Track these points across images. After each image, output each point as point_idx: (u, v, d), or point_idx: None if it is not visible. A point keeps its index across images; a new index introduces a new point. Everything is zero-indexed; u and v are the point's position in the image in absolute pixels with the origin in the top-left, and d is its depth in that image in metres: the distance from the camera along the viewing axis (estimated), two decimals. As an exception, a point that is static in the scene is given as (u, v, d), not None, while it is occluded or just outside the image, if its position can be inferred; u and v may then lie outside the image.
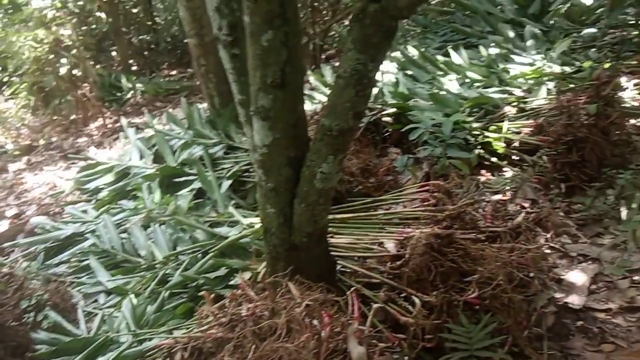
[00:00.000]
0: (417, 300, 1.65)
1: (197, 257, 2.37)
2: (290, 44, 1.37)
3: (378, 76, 4.09)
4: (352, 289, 1.56)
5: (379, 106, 3.37)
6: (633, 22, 3.35)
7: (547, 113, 2.73)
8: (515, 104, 3.07)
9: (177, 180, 3.07)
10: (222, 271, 2.22)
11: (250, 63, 1.44)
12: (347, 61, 1.28)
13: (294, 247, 1.67)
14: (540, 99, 2.97)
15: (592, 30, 3.66)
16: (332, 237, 2.19)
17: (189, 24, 3.23)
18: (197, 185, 2.92)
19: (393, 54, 4.42)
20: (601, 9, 3.65)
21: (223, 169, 2.98)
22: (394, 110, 3.31)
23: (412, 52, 4.36)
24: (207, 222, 2.61)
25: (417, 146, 3.02)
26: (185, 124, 3.50)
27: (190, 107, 3.54)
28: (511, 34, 4.09)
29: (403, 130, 3.09)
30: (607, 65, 3.12)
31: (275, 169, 1.57)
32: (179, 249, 2.53)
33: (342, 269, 1.99)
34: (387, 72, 4.19)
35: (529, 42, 3.88)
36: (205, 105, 3.83)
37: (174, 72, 7.95)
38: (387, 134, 3.31)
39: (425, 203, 2.37)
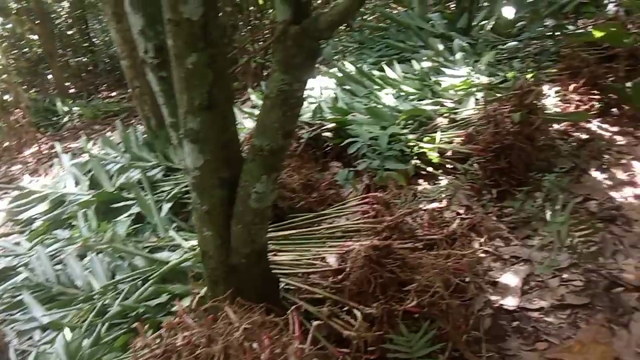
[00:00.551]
0: (358, 313, 1.68)
1: (137, 284, 2.30)
2: (216, 66, 1.37)
3: (317, 92, 4.23)
4: (293, 307, 1.56)
5: (319, 122, 3.41)
6: (550, 33, 3.58)
7: (476, 123, 2.86)
8: (446, 115, 3.19)
9: (114, 206, 2.97)
10: (164, 298, 2.16)
11: (176, 86, 1.43)
12: (272, 82, 1.30)
13: (232, 269, 1.65)
14: (470, 110, 3.11)
15: (514, 42, 3.87)
16: (274, 254, 2.19)
17: (120, 45, 3.16)
18: (135, 209, 2.83)
19: (331, 70, 4.51)
20: (522, 22, 3.87)
21: (163, 191, 2.92)
22: (333, 125, 3.37)
23: (349, 67, 4.47)
24: (146, 248, 2.53)
25: (357, 159, 3.08)
26: (122, 147, 3.40)
27: (126, 130, 3.44)
28: (441, 47, 4.27)
29: (343, 144, 3.15)
30: (529, 75, 3.31)
31: (209, 191, 1.56)
32: (117, 277, 2.44)
33: (286, 287, 1.99)
34: (326, 88, 4.26)
35: (458, 55, 4.06)
36: (142, 127, 3.74)
37: (113, 94, 7.73)
38: (328, 148, 3.35)
39: (366, 215, 2.41)
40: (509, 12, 3.32)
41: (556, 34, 3.66)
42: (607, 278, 1.96)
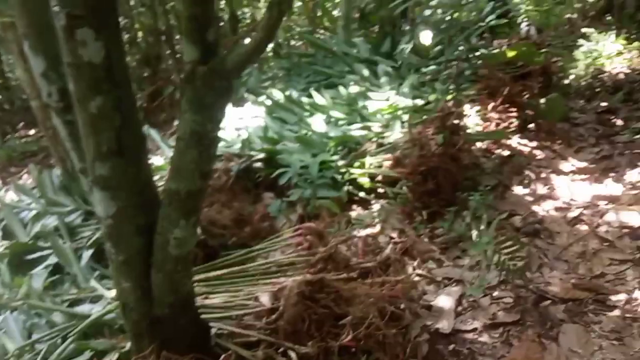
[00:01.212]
0: (293, 355, 1.61)
1: (56, 343, 2.10)
2: (123, 109, 1.29)
3: (247, 122, 4.18)
4: (223, 356, 1.47)
5: (249, 153, 3.35)
6: (465, 57, 3.75)
7: (402, 146, 2.91)
8: (375, 139, 3.23)
9: (30, 257, 2.74)
10: (86, 355, 1.99)
11: (82, 131, 1.33)
12: (184, 123, 1.24)
13: (156, 320, 1.55)
14: (396, 133, 3.16)
15: (434, 66, 4.03)
16: (205, 298, 2.09)
17: (29, 86, 2.97)
18: (53, 260, 2.62)
19: (260, 99, 4.48)
20: (440, 46, 4.04)
21: (82, 238, 2.73)
22: (264, 155, 3.32)
23: (278, 95, 4.46)
24: (66, 301, 2.34)
25: (289, 189, 3.04)
26: (37, 192, 3.17)
27: (41, 173, 3.21)
28: (367, 72, 4.36)
29: (274, 175, 3.10)
30: (449, 97, 3.44)
31: (125, 240, 1.46)
32: (34, 336, 2.22)
33: (219, 332, 1.89)
34: (256, 117, 4.22)
35: (383, 80, 4.17)
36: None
37: (31, 132, 7.27)
38: (260, 179, 3.29)
39: (300, 247, 2.37)
40: (426, 37, 3.46)
41: (470, 56, 3.84)
42: (535, 292, 2.02)
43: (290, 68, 5.41)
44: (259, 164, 3.35)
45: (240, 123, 4.13)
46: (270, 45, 5.65)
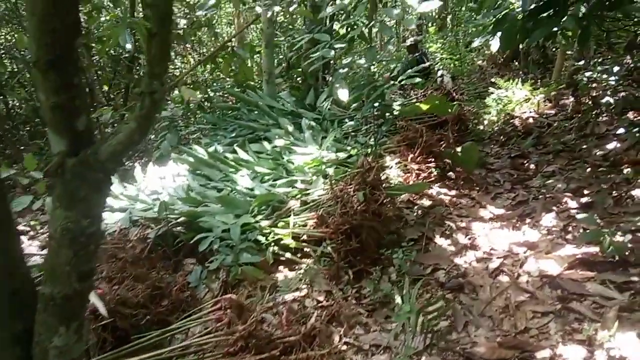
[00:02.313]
0: None
1: None
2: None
3: (169, 181, 4.00)
4: None
5: (168, 217, 3.17)
6: (380, 114, 3.84)
7: (325, 204, 2.86)
8: (299, 196, 3.17)
9: None
10: None
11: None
12: (54, 220, 1.10)
13: None
14: (319, 190, 3.12)
15: (352, 122, 4.08)
16: (110, 395, 1.87)
17: None
18: None
19: (183, 156, 4.32)
20: (357, 103, 4.11)
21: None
22: (184, 219, 3.15)
23: (202, 151, 4.33)
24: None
25: (212, 254, 2.88)
26: None
27: None
28: (291, 127, 4.34)
29: (194, 240, 2.93)
30: (370, 151, 3.47)
31: (0, 350, 1.26)
32: None
33: None
34: (179, 175, 4.06)
35: (307, 134, 4.16)
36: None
37: None
38: (181, 243, 3.11)
39: (220, 323, 2.21)
40: (343, 94, 3.51)
41: (386, 113, 3.93)
42: (461, 355, 1.98)
43: (216, 122, 5.32)
44: (179, 228, 3.18)
45: (162, 183, 3.95)
46: (198, 98, 5.55)
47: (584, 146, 3.90)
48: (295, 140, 4.16)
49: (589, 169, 3.45)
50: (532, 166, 3.84)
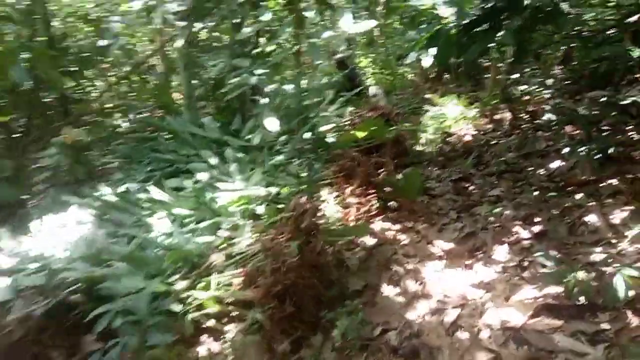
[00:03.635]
0: None
1: None
2: None
3: (70, 232, 3.39)
4: None
5: (63, 281, 2.61)
6: (312, 146, 3.48)
7: (254, 258, 2.43)
8: (223, 246, 2.71)
9: None
10: None
11: None
12: None
13: None
14: (247, 238, 2.67)
15: (281, 157, 3.68)
16: None
17: None
18: None
19: (86, 200, 3.72)
20: (286, 135, 3.73)
21: None
22: (82, 285, 2.60)
23: (110, 193, 3.76)
24: None
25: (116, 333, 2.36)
26: None
27: None
28: (214, 160, 3.86)
29: (92, 314, 2.39)
30: (303, 188, 3.07)
31: None
32: None
33: None
34: (81, 223, 3.46)
35: (232, 166, 3.71)
36: None
37: None
38: (80, 315, 2.55)
39: None
40: (271, 124, 3.13)
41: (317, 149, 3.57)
42: None
43: (129, 155, 4.72)
44: (77, 296, 2.62)
45: (60, 235, 3.34)
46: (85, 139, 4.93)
47: (527, 165, 3.72)
48: (219, 175, 3.69)
49: (536, 193, 3.24)
50: (475, 190, 3.61)
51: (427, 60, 3.82)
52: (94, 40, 4.70)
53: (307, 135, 3.11)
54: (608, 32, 3.57)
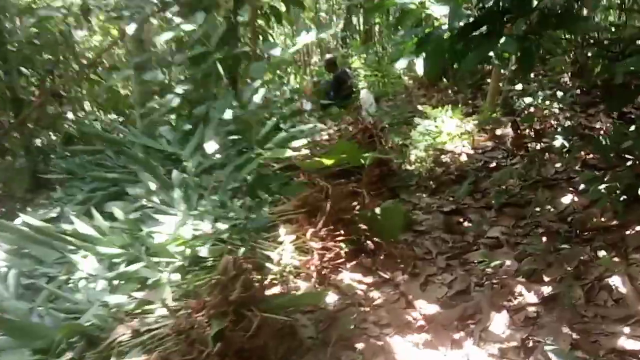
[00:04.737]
0: None
1: None
2: None
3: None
4: None
5: None
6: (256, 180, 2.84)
7: (164, 340, 1.80)
8: (134, 311, 2.09)
9: None
10: None
11: None
12: None
13: None
14: (162, 307, 2.04)
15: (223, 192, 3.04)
16: None
17: None
18: None
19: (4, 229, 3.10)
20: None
21: None
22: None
23: (33, 221, 3.14)
24: None
25: None
26: None
27: None
28: (154, 185, 3.23)
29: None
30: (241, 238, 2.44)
31: None
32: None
33: None
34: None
35: (177, 193, 3.08)
36: None
37: None
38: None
39: None
40: (210, 147, 2.54)
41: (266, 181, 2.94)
42: None
43: (72, 171, 4.09)
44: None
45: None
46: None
47: (532, 197, 3.09)
48: (159, 204, 3.07)
49: (544, 238, 2.62)
50: (470, 227, 2.98)
51: (419, 67, 3.20)
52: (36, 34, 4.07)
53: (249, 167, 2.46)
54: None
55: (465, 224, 3.04)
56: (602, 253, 2.30)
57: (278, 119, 3.69)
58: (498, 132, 4.36)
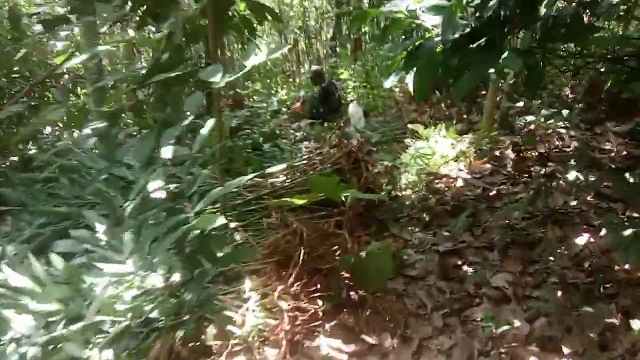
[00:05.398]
0: None
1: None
2: None
3: None
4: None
5: None
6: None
7: None
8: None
9: None
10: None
11: None
12: None
13: None
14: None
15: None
16: None
17: None
18: None
19: None
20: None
21: None
22: None
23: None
24: None
25: None
26: None
27: None
28: (101, 225, 2.78)
29: None
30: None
31: None
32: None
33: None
34: None
35: (127, 236, 2.63)
36: None
37: None
38: None
39: None
40: (154, 185, 2.12)
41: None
42: None
43: (23, 202, 3.63)
44: None
45: None
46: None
47: (541, 236, 2.68)
48: (106, 248, 2.63)
49: (559, 292, 2.20)
50: (470, 272, 2.56)
51: (411, 83, 2.80)
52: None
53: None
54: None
55: (465, 267, 2.62)
56: (635, 323, 1.87)
57: (251, 143, 3.25)
58: (497, 152, 3.96)
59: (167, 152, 1.70)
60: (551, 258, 2.49)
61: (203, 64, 3.60)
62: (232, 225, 2.86)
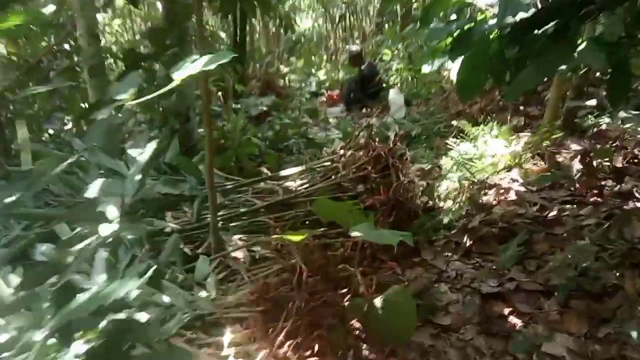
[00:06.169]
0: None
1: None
2: None
3: None
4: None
5: None
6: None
7: None
8: None
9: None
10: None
11: None
12: None
13: None
14: None
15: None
16: None
17: None
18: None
19: None
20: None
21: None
22: None
23: None
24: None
25: None
26: None
27: None
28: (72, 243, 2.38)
29: None
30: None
31: None
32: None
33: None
34: None
35: (99, 263, 2.22)
36: None
37: None
38: None
39: None
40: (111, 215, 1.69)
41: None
42: None
43: (12, 205, 3.30)
44: None
45: None
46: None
47: (618, 283, 2.06)
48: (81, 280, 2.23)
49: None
50: (518, 325, 2.00)
51: (454, 70, 2.24)
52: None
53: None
54: None
55: (512, 319, 2.05)
56: None
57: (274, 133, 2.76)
58: (560, 158, 3.30)
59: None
60: (627, 315, 1.88)
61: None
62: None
